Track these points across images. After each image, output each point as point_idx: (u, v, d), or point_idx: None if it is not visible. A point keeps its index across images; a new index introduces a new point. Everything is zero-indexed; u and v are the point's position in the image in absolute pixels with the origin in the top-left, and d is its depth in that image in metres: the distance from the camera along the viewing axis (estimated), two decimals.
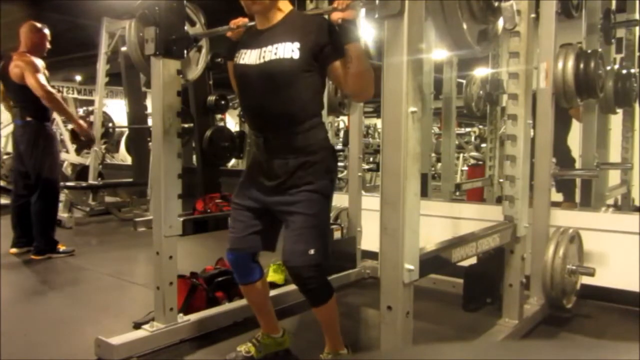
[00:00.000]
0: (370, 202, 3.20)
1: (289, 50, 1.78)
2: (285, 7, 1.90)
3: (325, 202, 1.90)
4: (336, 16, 1.73)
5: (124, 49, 5.54)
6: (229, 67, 2.04)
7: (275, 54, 1.80)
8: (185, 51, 2.30)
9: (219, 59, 4.92)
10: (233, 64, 1.96)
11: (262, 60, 1.82)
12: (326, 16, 1.83)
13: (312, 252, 1.84)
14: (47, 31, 3.93)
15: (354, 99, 1.91)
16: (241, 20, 1.97)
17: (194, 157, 6.36)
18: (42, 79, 3.72)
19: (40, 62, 3.78)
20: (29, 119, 3.80)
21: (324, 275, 1.96)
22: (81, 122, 4.33)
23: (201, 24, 2.52)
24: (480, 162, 6.48)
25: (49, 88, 3.77)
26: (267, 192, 1.92)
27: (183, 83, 2.38)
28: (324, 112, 2.52)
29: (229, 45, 2.01)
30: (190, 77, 2.53)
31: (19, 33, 3.86)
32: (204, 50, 2.54)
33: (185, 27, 2.35)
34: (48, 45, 3.94)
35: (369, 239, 3.18)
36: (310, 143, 1.86)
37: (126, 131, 7.32)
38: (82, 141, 4.03)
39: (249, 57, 1.87)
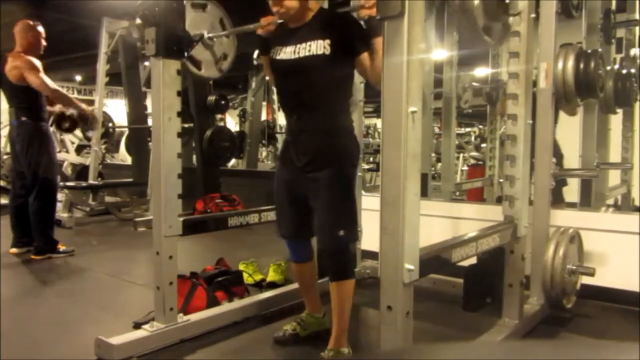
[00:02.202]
0: (370, 202, 3.20)
1: (320, 46, 2.00)
2: (314, 6, 2.11)
3: (348, 185, 2.09)
4: (364, 13, 1.90)
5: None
6: (263, 60, 2.29)
7: (309, 50, 2.02)
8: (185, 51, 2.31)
9: None
10: (270, 59, 2.19)
11: (297, 56, 2.05)
12: (354, 13, 2.02)
13: (341, 233, 2.03)
14: (41, 28, 3.90)
15: (378, 86, 2.12)
16: (271, 18, 2.15)
17: (194, 157, 6.36)
18: (45, 77, 3.72)
19: (37, 62, 3.77)
20: (24, 119, 3.79)
21: (350, 252, 2.21)
22: (84, 106, 4.28)
23: (228, 23, 2.63)
24: (480, 162, 6.47)
25: (53, 85, 3.79)
26: (298, 173, 2.12)
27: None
28: None
29: (261, 40, 2.23)
30: (208, 74, 2.66)
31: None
32: (229, 58, 2.69)
33: (217, 30, 2.54)
34: (44, 43, 3.92)
35: (369, 239, 3.18)
36: (339, 125, 2.10)
37: (126, 131, 7.32)
38: (89, 121, 4.19)
39: (285, 52, 2.10)
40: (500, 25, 1.85)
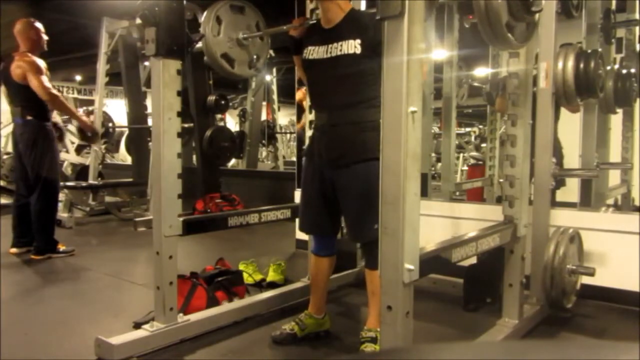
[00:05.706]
0: None
1: (352, 46, 2.09)
2: (346, 6, 2.18)
3: (376, 180, 2.06)
4: None
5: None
6: (295, 60, 2.38)
7: (341, 50, 2.11)
8: (185, 51, 2.31)
9: None
10: (302, 59, 2.29)
11: (329, 55, 2.15)
12: None
13: (375, 226, 2.04)
14: (39, 25, 3.90)
15: None
16: (303, 19, 2.27)
17: (194, 157, 6.35)
18: (45, 81, 3.72)
19: (42, 63, 3.78)
20: (29, 117, 3.80)
21: None
22: (84, 118, 4.31)
23: (263, 26, 2.75)
24: (480, 162, 6.47)
25: (53, 90, 3.78)
26: (326, 167, 2.21)
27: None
28: None
29: (293, 40, 2.33)
30: (241, 73, 2.76)
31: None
32: (262, 59, 2.81)
33: (253, 32, 2.67)
34: (45, 38, 3.92)
35: None
36: (369, 120, 2.11)
37: (126, 131, 7.31)
38: (89, 136, 4.18)
39: (317, 52, 2.20)
40: (524, 25, 1.91)
